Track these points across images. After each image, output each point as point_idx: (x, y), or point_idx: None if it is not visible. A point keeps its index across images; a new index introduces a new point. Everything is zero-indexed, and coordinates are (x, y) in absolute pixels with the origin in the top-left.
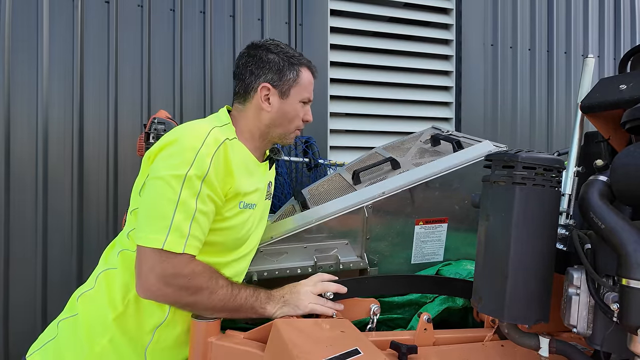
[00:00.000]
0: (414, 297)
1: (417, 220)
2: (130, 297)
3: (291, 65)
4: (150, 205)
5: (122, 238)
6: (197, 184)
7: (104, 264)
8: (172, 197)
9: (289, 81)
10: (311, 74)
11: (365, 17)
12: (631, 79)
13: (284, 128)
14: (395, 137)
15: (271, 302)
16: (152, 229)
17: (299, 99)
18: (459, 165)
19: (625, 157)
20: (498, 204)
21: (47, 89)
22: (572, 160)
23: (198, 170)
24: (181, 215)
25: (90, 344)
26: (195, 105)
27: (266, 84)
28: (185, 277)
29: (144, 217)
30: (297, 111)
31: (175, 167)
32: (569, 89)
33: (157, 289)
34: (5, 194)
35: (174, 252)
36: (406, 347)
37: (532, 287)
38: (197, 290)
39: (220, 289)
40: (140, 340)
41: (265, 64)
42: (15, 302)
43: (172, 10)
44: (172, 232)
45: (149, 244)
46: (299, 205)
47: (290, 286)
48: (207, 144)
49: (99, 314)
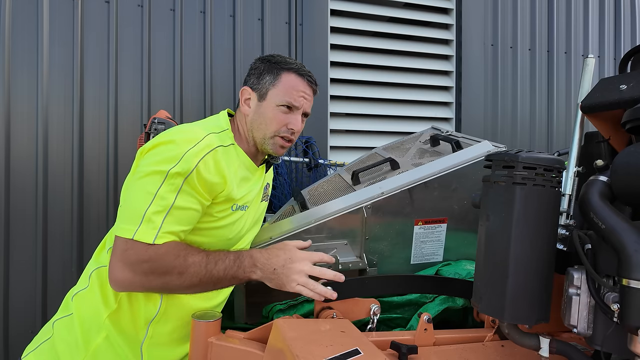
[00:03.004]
0: (414, 297)
1: (416, 221)
2: (123, 293)
3: (271, 68)
4: (130, 198)
5: (112, 235)
6: (179, 180)
7: (96, 262)
8: (151, 190)
9: (266, 83)
10: (299, 80)
11: (365, 17)
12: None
13: (262, 131)
14: (395, 137)
15: (257, 272)
16: (127, 220)
17: (276, 101)
18: (458, 165)
19: (625, 157)
20: (498, 204)
21: (47, 89)
22: (572, 161)
23: (182, 168)
24: (156, 207)
25: (86, 342)
26: (195, 105)
27: (245, 87)
28: (148, 262)
29: (121, 209)
30: (275, 115)
31: (159, 163)
32: (569, 89)
33: (124, 277)
34: (5, 194)
35: (141, 242)
36: (406, 347)
37: (533, 287)
38: (164, 272)
39: (190, 267)
40: (135, 336)
41: (252, 70)
42: (15, 303)
43: (172, 10)
44: (144, 223)
45: (121, 234)
46: (299, 205)
47: (287, 257)
48: (198, 146)
49: (93, 312)
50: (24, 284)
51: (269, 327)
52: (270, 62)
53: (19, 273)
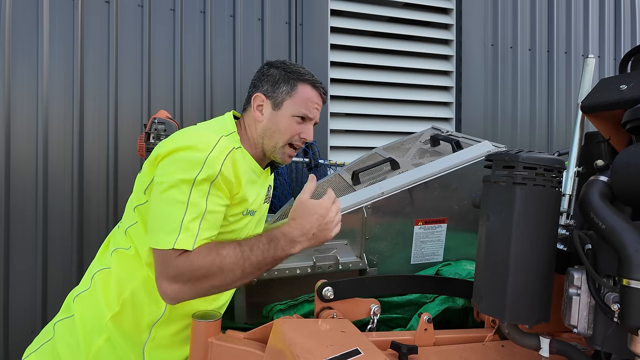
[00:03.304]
0: (414, 297)
1: (416, 221)
2: (126, 296)
3: (288, 78)
4: (160, 209)
5: (117, 235)
6: (206, 186)
7: (99, 263)
8: (181, 199)
9: (282, 93)
10: (314, 92)
11: (365, 17)
12: (631, 79)
13: (274, 140)
14: (396, 137)
15: (297, 244)
16: (163, 231)
17: (291, 112)
18: (458, 165)
19: (625, 157)
20: (498, 204)
21: (47, 89)
22: (572, 161)
23: (207, 174)
24: (191, 215)
25: (88, 344)
26: (195, 105)
27: (259, 94)
28: (189, 270)
29: (154, 221)
30: (290, 124)
31: (183, 171)
32: (569, 89)
33: (173, 291)
34: (5, 195)
35: (175, 250)
36: (407, 347)
37: (533, 287)
38: (205, 275)
39: (226, 259)
40: (138, 339)
41: (265, 76)
42: (15, 303)
43: (172, 10)
44: (182, 232)
45: (160, 246)
46: None
47: (317, 216)
48: (217, 149)
49: (95, 314)
50: (24, 285)
51: (269, 327)
52: (286, 72)
53: (19, 274)
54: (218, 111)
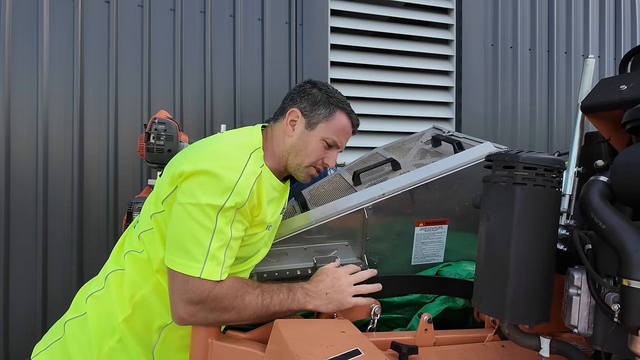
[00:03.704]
0: (414, 297)
1: (417, 222)
2: (137, 298)
3: (328, 102)
4: (185, 232)
5: (132, 238)
6: (232, 212)
7: (113, 264)
8: (209, 225)
9: (319, 115)
10: (349, 123)
11: (365, 17)
12: (631, 79)
13: (300, 159)
14: (396, 137)
15: (312, 301)
16: (188, 256)
17: (323, 135)
18: (459, 166)
19: (625, 157)
20: (499, 204)
21: (47, 89)
22: (572, 161)
23: (235, 201)
24: (217, 243)
25: (100, 344)
26: (195, 105)
27: (295, 109)
28: (213, 301)
29: (176, 242)
30: (318, 147)
31: (212, 196)
32: (569, 89)
33: (190, 316)
34: (5, 195)
35: (202, 279)
36: (407, 348)
37: (533, 287)
38: (225, 310)
39: (248, 305)
40: (148, 340)
41: (306, 94)
42: (15, 302)
43: (172, 10)
44: (209, 260)
45: (184, 270)
46: (299, 206)
47: (332, 278)
48: (245, 174)
49: (108, 315)
50: (24, 283)
51: (269, 328)
52: (328, 95)
53: (19, 272)
54: (218, 111)
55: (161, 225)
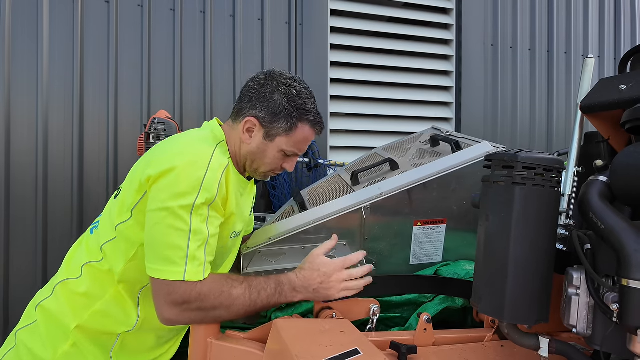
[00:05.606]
0: (413, 296)
1: (415, 221)
2: (96, 309)
3: (289, 115)
4: (161, 239)
5: (90, 247)
6: (205, 210)
7: (65, 273)
8: (183, 227)
9: (278, 128)
10: (311, 132)
11: (365, 17)
12: (631, 79)
13: (256, 165)
14: (396, 137)
15: (298, 295)
16: (168, 262)
17: (282, 148)
18: (457, 166)
19: (625, 157)
20: (498, 204)
21: (47, 89)
22: (572, 161)
23: (205, 197)
24: (195, 244)
25: (53, 349)
26: (195, 105)
27: (252, 118)
28: (197, 301)
29: (155, 251)
30: (276, 158)
31: (181, 196)
32: (569, 89)
33: (177, 317)
34: (5, 195)
35: (182, 281)
36: (406, 347)
37: (532, 287)
38: (213, 308)
39: (236, 300)
40: (106, 342)
41: (266, 100)
42: (14, 299)
43: (172, 10)
44: (189, 262)
45: (167, 277)
46: (298, 206)
47: (321, 274)
48: (212, 168)
49: (59, 322)
50: (24, 278)
51: (268, 327)
52: (290, 105)
53: (19, 273)
54: (218, 111)
55: (127, 235)
